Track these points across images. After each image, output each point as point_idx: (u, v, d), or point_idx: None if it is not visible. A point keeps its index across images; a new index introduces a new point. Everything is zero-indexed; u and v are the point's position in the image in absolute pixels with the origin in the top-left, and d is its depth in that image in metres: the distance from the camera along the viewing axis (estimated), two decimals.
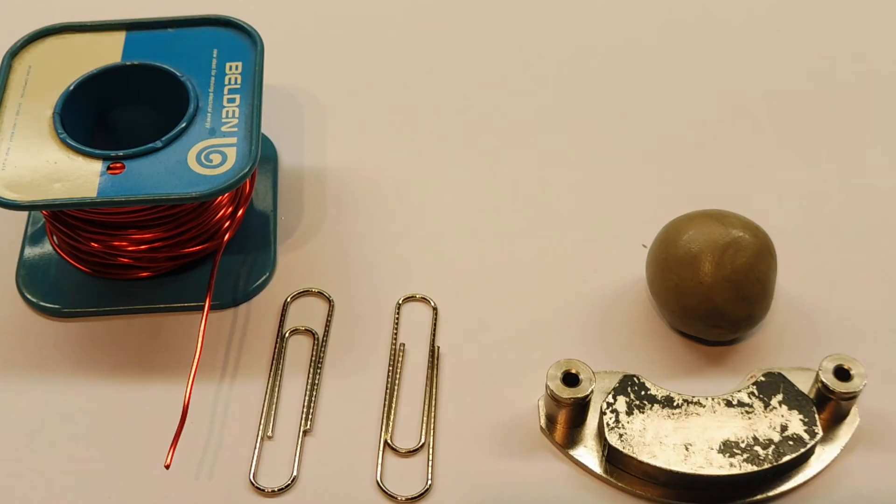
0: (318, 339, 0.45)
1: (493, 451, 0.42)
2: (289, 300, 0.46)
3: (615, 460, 0.40)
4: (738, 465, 0.39)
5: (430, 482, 0.41)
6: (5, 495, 0.41)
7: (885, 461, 0.41)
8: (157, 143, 0.43)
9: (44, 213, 0.47)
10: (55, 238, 0.47)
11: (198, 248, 0.46)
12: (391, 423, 0.42)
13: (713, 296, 0.42)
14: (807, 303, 0.46)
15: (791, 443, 0.40)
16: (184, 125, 0.44)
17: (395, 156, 0.52)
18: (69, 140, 0.43)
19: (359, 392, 0.43)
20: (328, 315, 0.46)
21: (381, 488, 0.40)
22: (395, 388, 0.43)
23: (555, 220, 0.49)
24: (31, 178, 0.42)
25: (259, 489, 0.41)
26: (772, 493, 0.40)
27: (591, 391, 0.40)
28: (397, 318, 0.46)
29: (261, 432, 0.42)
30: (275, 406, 0.43)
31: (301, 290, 0.47)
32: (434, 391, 0.43)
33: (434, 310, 0.46)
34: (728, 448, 0.40)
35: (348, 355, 0.45)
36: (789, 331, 0.45)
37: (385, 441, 0.42)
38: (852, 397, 0.41)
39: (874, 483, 0.41)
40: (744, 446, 0.40)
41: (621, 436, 0.40)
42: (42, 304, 0.46)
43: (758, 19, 0.59)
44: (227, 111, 0.44)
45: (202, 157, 0.43)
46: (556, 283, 0.47)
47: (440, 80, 0.56)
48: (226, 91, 0.45)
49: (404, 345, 0.45)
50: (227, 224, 0.47)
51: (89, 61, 0.46)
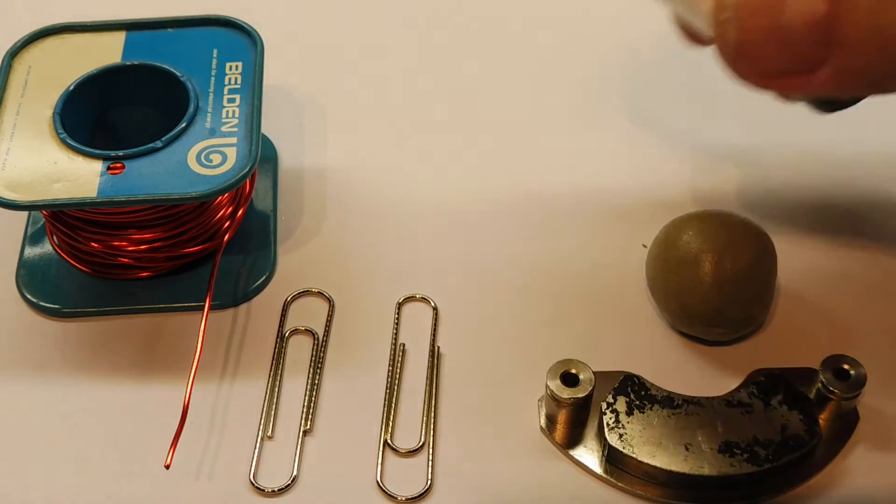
0: (318, 339, 0.45)
1: (493, 451, 0.42)
2: (289, 300, 0.46)
3: (615, 460, 0.40)
4: (738, 465, 0.39)
5: (430, 482, 0.41)
6: (5, 495, 0.41)
7: (885, 461, 0.41)
8: (157, 143, 0.43)
9: (44, 213, 0.47)
10: (55, 238, 0.47)
11: (198, 248, 0.46)
12: (391, 423, 0.42)
13: (713, 296, 0.42)
14: (807, 303, 0.46)
15: (791, 443, 0.40)
16: (184, 125, 0.44)
17: (396, 156, 0.52)
18: (69, 140, 0.43)
19: (359, 392, 0.43)
20: (328, 315, 0.46)
21: (381, 488, 0.40)
22: (395, 388, 0.43)
23: (555, 220, 0.49)
24: (31, 178, 0.42)
25: (259, 489, 0.41)
26: (772, 493, 0.40)
27: (591, 391, 0.40)
28: (397, 318, 0.46)
29: (261, 432, 0.42)
30: (275, 406, 0.43)
31: (301, 290, 0.47)
32: (434, 391, 0.43)
33: (434, 310, 0.46)
34: (728, 448, 0.40)
35: (348, 355, 0.45)
36: (789, 331, 0.45)
37: (385, 441, 0.42)
38: (852, 397, 0.41)
39: (874, 483, 0.41)
40: (744, 446, 0.40)
41: (621, 436, 0.40)
42: (42, 304, 0.46)
43: None
44: (227, 111, 0.44)
45: (202, 157, 0.43)
46: (556, 282, 0.47)
47: (440, 81, 0.56)
48: (226, 91, 0.45)
49: (404, 345, 0.45)
50: (227, 224, 0.47)
51: (89, 61, 0.46)
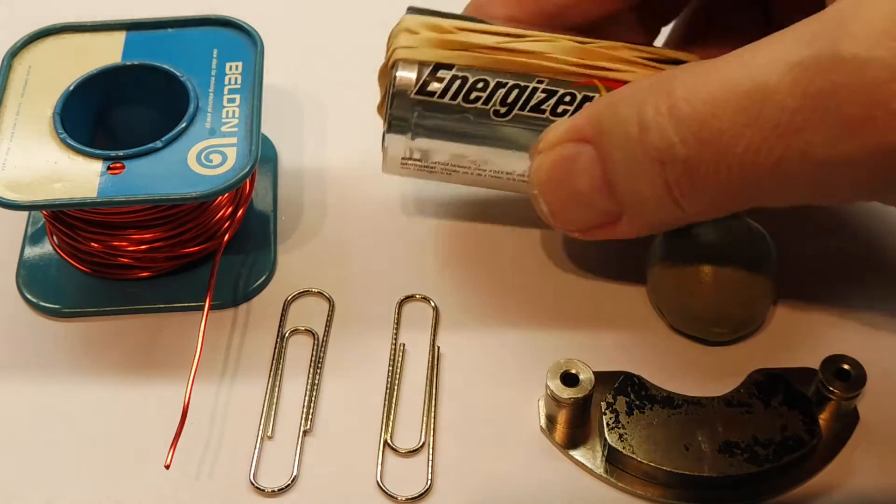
0: (318, 339, 0.45)
1: (493, 451, 0.42)
2: (289, 300, 0.46)
3: (615, 460, 0.40)
4: (738, 465, 0.39)
5: (430, 482, 0.41)
6: (5, 495, 0.41)
7: (885, 461, 0.41)
8: (157, 143, 0.43)
9: (44, 213, 0.47)
10: (55, 238, 0.47)
11: (198, 248, 0.46)
12: (391, 423, 0.42)
13: (713, 296, 0.42)
14: (807, 303, 0.46)
15: (791, 443, 0.40)
16: (184, 125, 0.44)
17: None
18: (69, 140, 0.43)
19: (359, 392, 0.43)
20: (328, 315, 0.46)
21: (381, 488, 0.40)
22: (395, 388, 0.43)
23: None
24: (31, 178, 0.42)
25: (259, 489, 0.41)
26: (772, 493, 0.40)
27: (591, 391, 0.40)
28: (397, 318, 0.46)
29: (261, 432, 0.42)
30: (275, 406, 0.43)
31: (301, 290, 0.47)
32: (434, 391, 0.43)
33: (434, 310, 0.46)
34: (728, 448, 0.40)
35: (348, 355, 0.45)
36: (789, 331, 0.45)
37: (385, 441, 0.42)
38: (852, 397, 0.41)
39: (874, 483, 0.41)
40: (744, 446, 0.40)
41: (621, 436, 0.40)
42: (42, 304, 0.46)
43: None
44: (227, 111, 0.44)
45: (202, 158, 0.43)
46: (556, 282, 0.47)
47: None
48: (226, 91, 0.45)
49: (404, 345, 0.45)
50: (227, 224, 0.47)
51: (89, 61, 0.46)
